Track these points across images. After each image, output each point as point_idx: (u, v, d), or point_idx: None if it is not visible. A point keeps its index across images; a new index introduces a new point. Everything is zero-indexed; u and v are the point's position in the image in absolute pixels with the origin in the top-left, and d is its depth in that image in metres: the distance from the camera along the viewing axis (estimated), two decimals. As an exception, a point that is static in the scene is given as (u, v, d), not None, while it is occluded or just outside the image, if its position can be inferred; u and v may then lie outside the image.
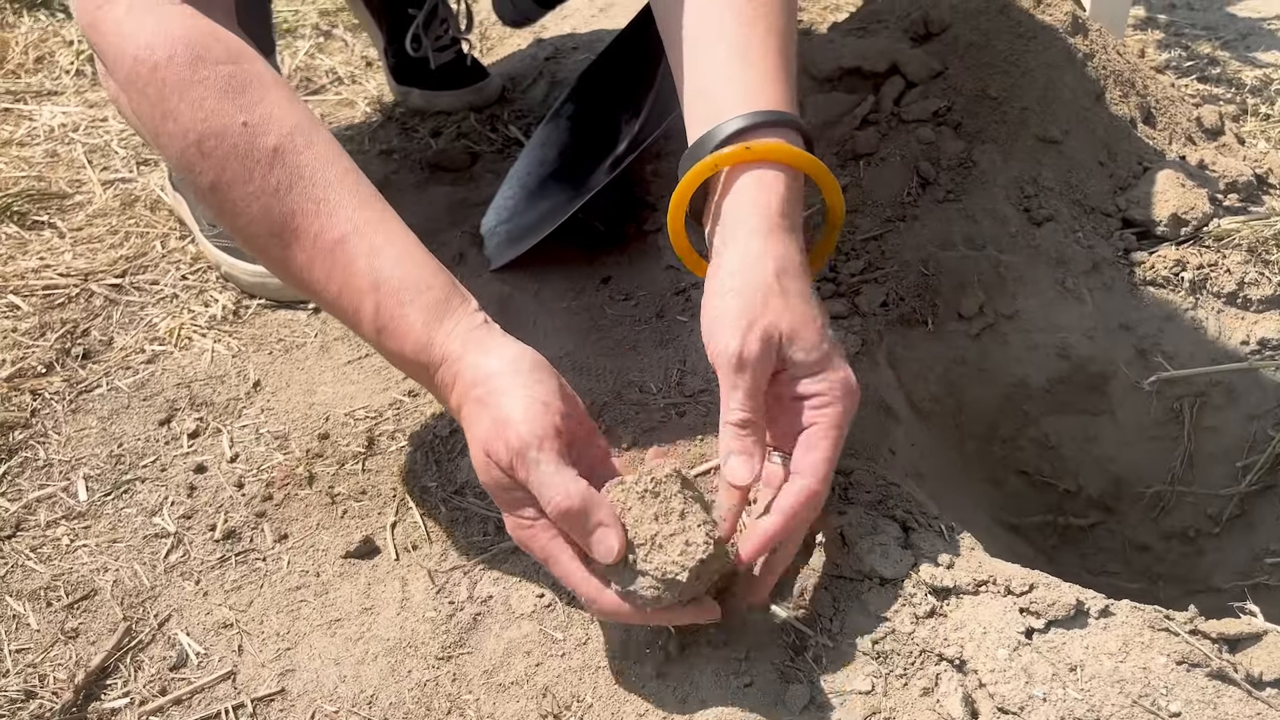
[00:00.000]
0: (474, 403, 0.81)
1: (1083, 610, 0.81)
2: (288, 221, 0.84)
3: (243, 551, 1.03)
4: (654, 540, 0.76)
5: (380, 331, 0.84)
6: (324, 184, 0.84)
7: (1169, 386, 1.18)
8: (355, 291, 0.84)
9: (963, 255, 1.18)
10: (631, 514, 0.77)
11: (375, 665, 0.91)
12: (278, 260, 0.86)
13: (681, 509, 0.77)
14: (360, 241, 0.84)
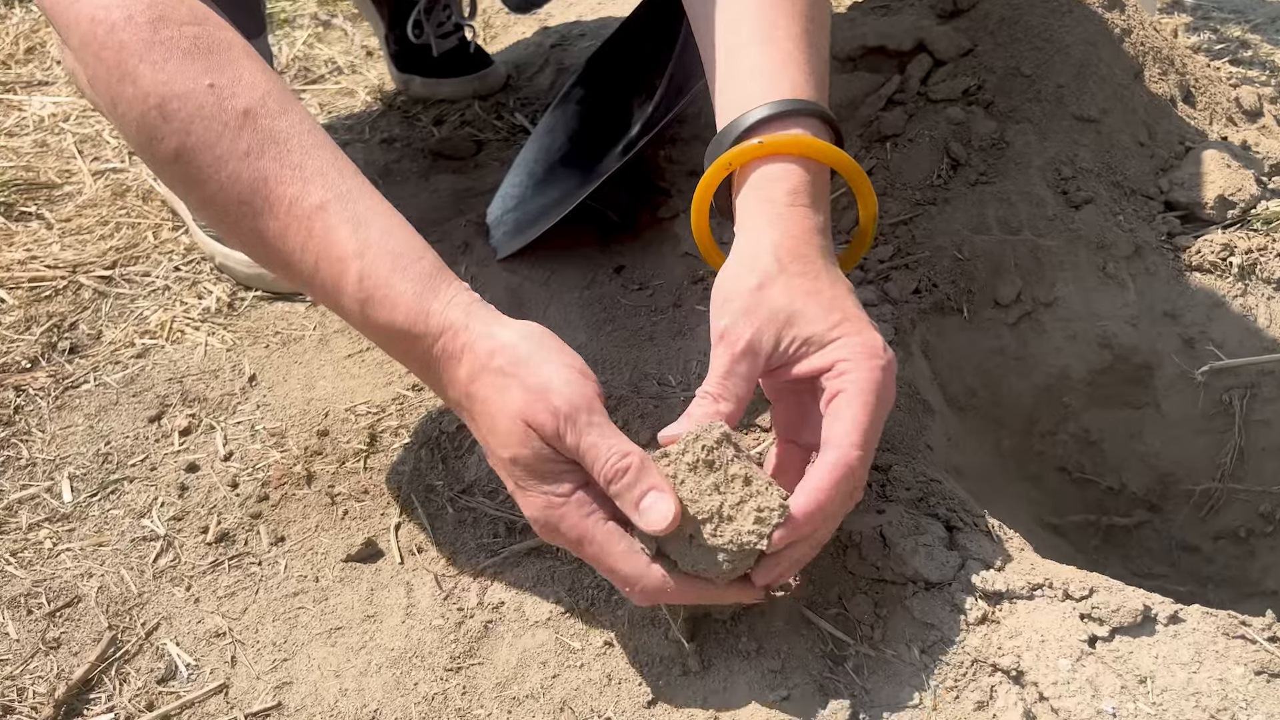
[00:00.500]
0: (494, 373, 0.75)
1: (1150, 617, 0.75)
2: (259, 188, 0.78)
3: (237, 555, 0.97)
4: (720, 512, 0.71)
5: (365, 302, 0.78)
6: (300, 149, 0.79)
7: (1217, 377, 1.12)
8: (335, 260, 0.78)
9: (998, 239, 1.12)
10: (687, 487, 0.72)
11: (379, 677, 0.84)
12: (248, 231, 0.80)
13: (745, 474, 0.71)
14: (342, 209, 0.78)
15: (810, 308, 0.76)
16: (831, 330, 0.76)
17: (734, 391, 0.76)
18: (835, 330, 0.76)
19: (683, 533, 0.71)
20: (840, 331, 0.76)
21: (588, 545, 0.73)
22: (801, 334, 0.76)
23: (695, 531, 0.71)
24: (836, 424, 0.74)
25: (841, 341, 0.76)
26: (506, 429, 0.74)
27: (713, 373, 0.77)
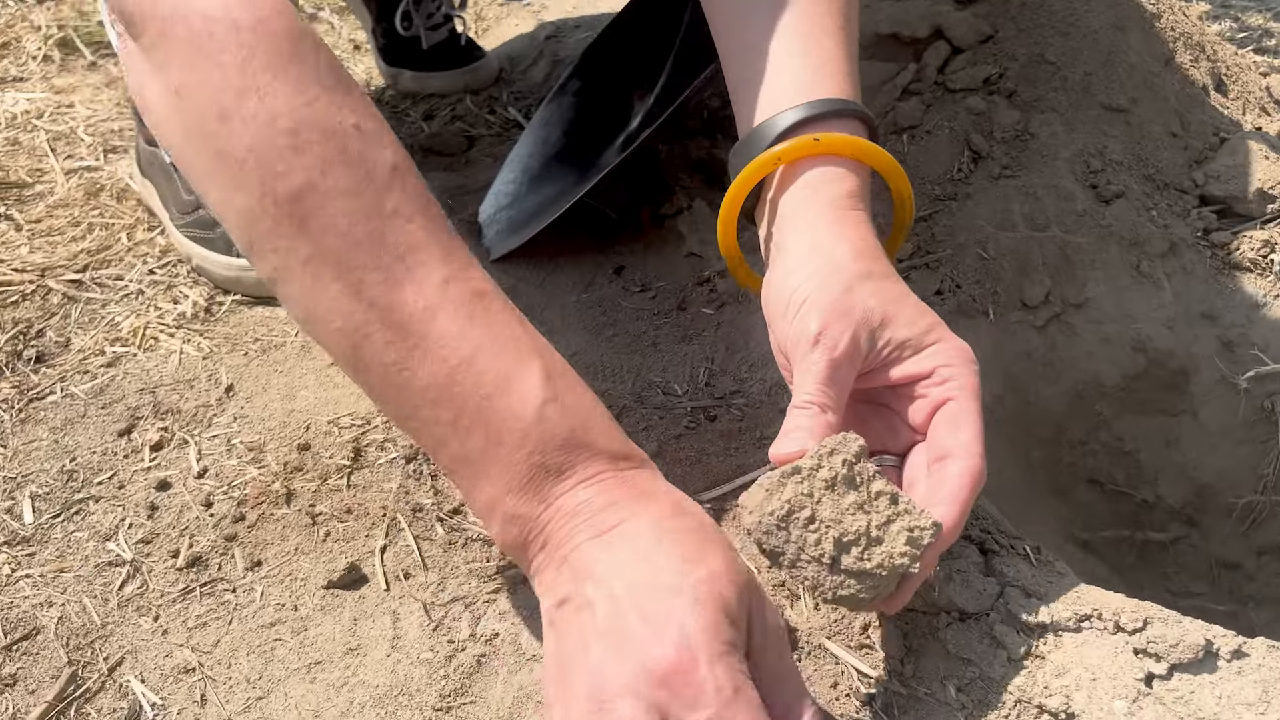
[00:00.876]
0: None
1: (1212, 651, 0.68)
2: (405, 255, 0.65)
3: (209, 581, 0.89)
4: (868, 534, 0.64)
5: (549, 402, 0.64)
6: (451, 231, 0.69)
7: (1258, 383, 1.05)
8: (508, 352, 0.65)
9: (1025, 236, 1.05)
10: (825, 507, 0.64)
11: (362, 718, 0.77)
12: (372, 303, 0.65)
13: (890, 492, 0.65)
14: (508, 305, 0.68)
15: (904, 311, 0.71)
16: (927, 334, 0.71)
17: (838, 399, 0.69)
18: (930, 335, 0.71)
19: (822, 558, 0.64)
20: (936, 336, 0.71)
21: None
22: (898, 337, 0.70)
23: (838, 555, 0.64)
24: (959, 432, 0.68)
25: (939, 346, 0.70)
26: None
27: (810, 379, 0.68)
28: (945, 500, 0.66)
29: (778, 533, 0.64)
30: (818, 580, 0.65)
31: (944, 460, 0.68)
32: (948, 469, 0.67)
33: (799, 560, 0.65)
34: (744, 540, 0.83)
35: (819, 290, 0.70)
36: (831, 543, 0.64)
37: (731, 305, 1.10)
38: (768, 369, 1.01)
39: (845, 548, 0.64)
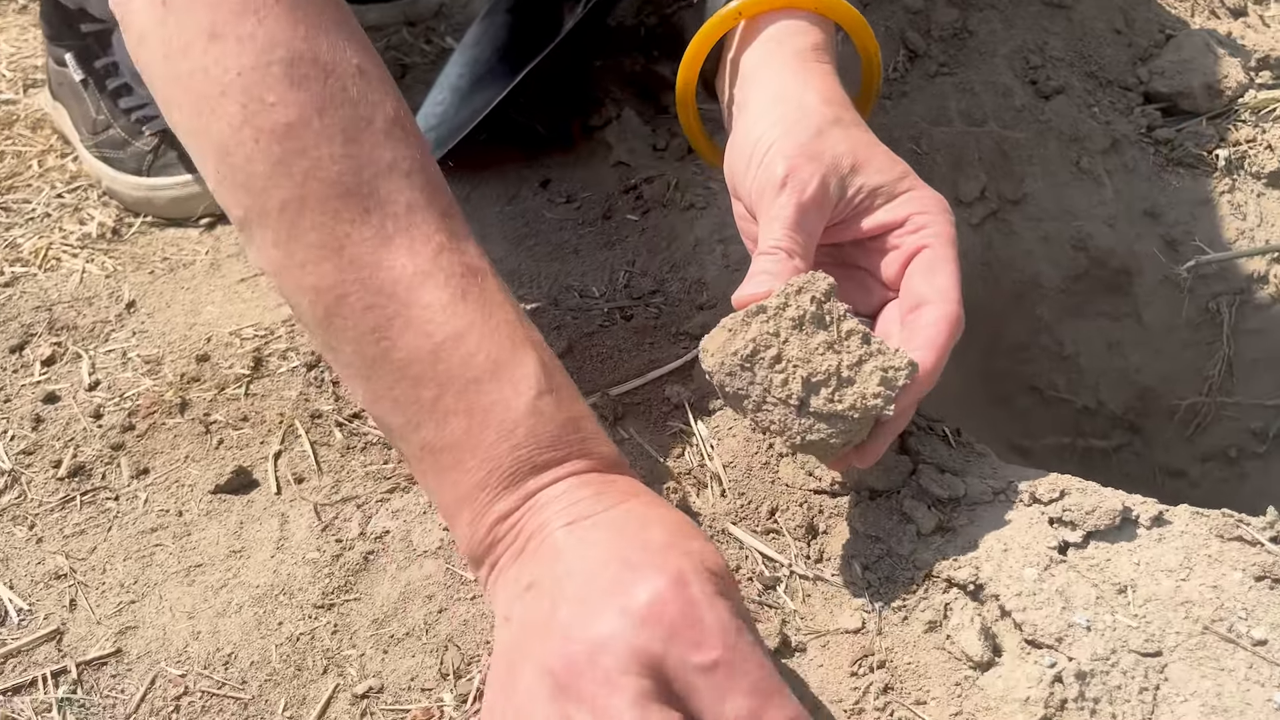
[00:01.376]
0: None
1: (1130, 519, 0.63)
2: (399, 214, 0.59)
3: (91, 490, 0.84)
4: (838, 374, 0.59)
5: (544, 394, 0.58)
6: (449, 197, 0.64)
7: (1203, 283, 1.00)
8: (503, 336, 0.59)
9: (960, 131, 1.00)
10: (793, 346, 0.59)
11: (238, 618, 0.72)
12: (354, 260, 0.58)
13: (862, 331, 0.60)
14: (502, 287, 0.63)
15: (875, 158, 0.66)
16: (899, 182, 0.66)
17: (806, 246, 0.64)
18: (903, 183, 0.66)
19: (789, 399, 0.59)
20: (909, 184, 0.66)
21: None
22: (870, 183, 0.66)
23: (807, 397, 0.59)
24: (934, 278, 0.64)
25: (913, 194, 0.66)
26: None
27: (777, 225, 0.63)
28: (921, 346, 0.61)
29: (741, 374, 0.59)
30: (785, 424, 0.59)
31: (919, 308, 0.63)
32: (923, 316, 0.62)
33: (764, 403, 0.59)
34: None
35: (785, 135, 0.65)
36: (799, 383, 0.58)
37: (657, 210, 1.05)
38: (689, 268, 0.97)
39: (814, 388, 0.59)
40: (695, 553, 0.53)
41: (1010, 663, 0.58)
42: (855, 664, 0.61)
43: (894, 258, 0.66)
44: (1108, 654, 0.56)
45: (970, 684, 0.58)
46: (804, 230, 0.64)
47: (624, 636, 0.48)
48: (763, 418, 0.60)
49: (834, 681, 0.61)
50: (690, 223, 1.00)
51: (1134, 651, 0.56)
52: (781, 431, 0.60)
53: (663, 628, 0.48)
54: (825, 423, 0.59)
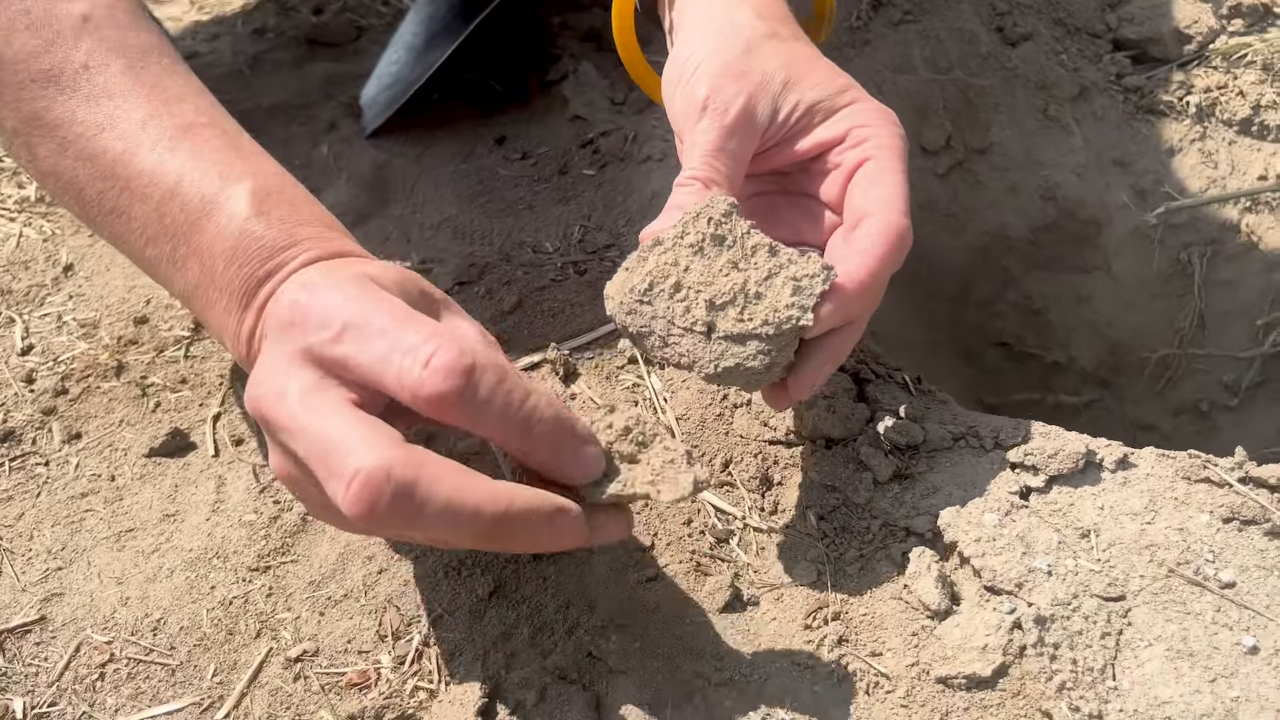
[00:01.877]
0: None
1: (1094, 462, 0.61)
2: (100, 103, 0.63)
3: (20, 456, 0.81)
4: (744, 291, 0.54)
5: (254, 216, 0.60)
6: (163, 70, 0.66)
7: (1174, 234, 0.98)
8: (213, 177, 0.62)
9: (925, 79, 0.97)
10: (694, 273, 0.55)
11: (169, 582, 0.69)
12: (74, 142, 0.64)
13: (768, 244, 0.55)
14: (220, 135, 0.65)
15: (813, 72, 0.62)
16: (840, 95, 0.62)
17: (726, 173, 0.60)
18: (844, 96, 0.62)
19: (695, 326, 0.55)
20: (851, 98, 0.62)
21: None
22: (806, 99, 0.61)
23: (713, 321, 0.55)
24: (874, 189, 0.58)
25: (855, 107, 0.61)
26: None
27: (695, 153, 0.60)
28: (855, 254, 0.56)
29: (641, 309, 0.56)
30: (695, 354, 0.55)
31: (860, 221, 0.58)
32: (861, 228, 0.57)
33: (670, 336, 0.55)
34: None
35: (713, 54, 0.61)
36: (703, 307, 0.55)
37: (614, 165, 1.02)
38: (646, 221, 0.93)
39: (720, 310, 0.55)
40: (382, 272, 0.55)
41: (969, 610, 0.55)
42: (809, 616, 0.59)
43: (835, 177, 0.62)
44: (1069, 599, 0.54)
45: (927, 634, 0.56)
46: (726, 156, 0.60)
47: (275, 354, 0.52)
48: (670, 353, 0.56)
49: (787, 635, 0.59)
50: (647, 175, 0.97)
51: (1096, 596, 0.54)
52: (693, 363, 0.56)
53: (296, 326, 0.52)
54: (738, 344, 0.54)
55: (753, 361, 0.54)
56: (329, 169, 1.12)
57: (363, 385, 0.50)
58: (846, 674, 0.56)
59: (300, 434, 0.49)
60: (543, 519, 0.49)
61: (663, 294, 0.55)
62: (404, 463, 0.46)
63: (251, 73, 1.40)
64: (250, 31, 1.51)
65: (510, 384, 0.49)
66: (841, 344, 0.58)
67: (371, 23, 1.50)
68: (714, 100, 0.60)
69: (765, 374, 0.55)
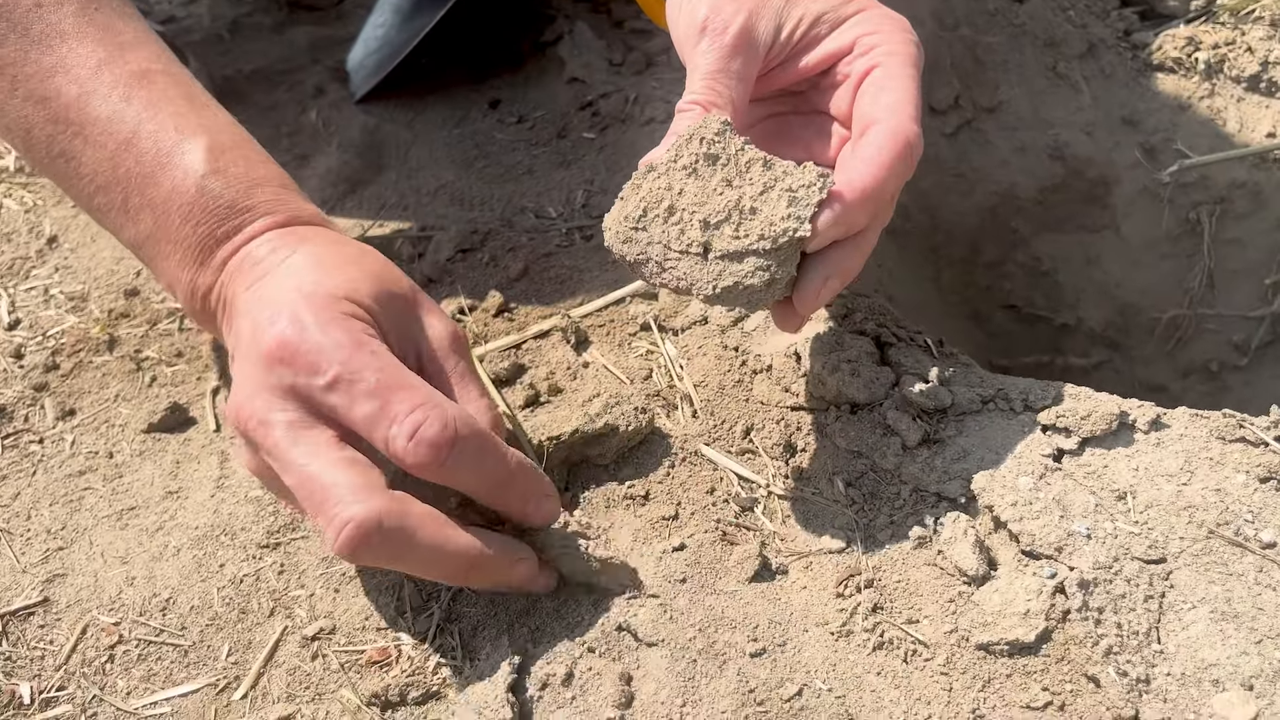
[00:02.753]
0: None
1: (1127, 423, 0.60)
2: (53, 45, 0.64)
3: (13, 434, 0.78)
4: (739, 208, 0.53)
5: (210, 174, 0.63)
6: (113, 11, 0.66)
7: (1183, 193, 0.97)
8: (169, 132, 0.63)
9: (931, 34, 0.95)
10: (688, 195, 0.54)
11: (176, 561, 0.67)
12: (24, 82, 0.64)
13: (763, 158, 0.53)
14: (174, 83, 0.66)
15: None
16: (847, 4, 0.59)
17: (727, 94, 0.57)
18: (852, 4, 0.59)
19: (691, 248, 0.53)
20: (859, 4, 0.59)
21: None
22: (811, 11, 0.59)
23: (709, 241, 0.53)
24: (883, 95, 0.56)
25: (863, 15, 0.59)
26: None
27: (696, 74, 0.58)
28: (860, 161, 0.54)
29: (637, 236, 0.54)
30: (693, 277, 0.53)
31: (868, 128, 0.55)
32: (871, 132, 0.55)
33: (666, 261, 0.54)
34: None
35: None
36: (698, 228, 0.53)
37: (615, 127, 1.00)
38: (651, 185, 0.91)
39: (715, 228, 0.53)
40: (336, 278, 0.56)
41: (1007, 575, 0.54)
42: (841, 584, 0.58)
43: (845, 89, 0.59)
44: (1110, 562, 0.53)
45: (965, 600, 0.55)
46: (728, 77, 0.57)
47: (261, 381, 0.53)
48: (668, 278, 0.54)
49: (819, 604, 0.57)
50: (650, 137, 0.94)
51: (1137, 559, 0.53)
52: (691, 286, 0.54)
53: (284, 364, 0.53)
54: (735, 262, 0.53)
55: (752, 279, 0.53)
56: (319, 135, 1.09)
57: (349, 431, 0.53)
58: (883, 642, 0.54)
59: (289, 468, 0.52)
60: (507, 564, 0.55)
61: (658, 218, 0.54)
62: (391, 513, 0.50)
63: (231, 38, 1.36)
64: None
65: (488, 450, 0.53)
66: (847, 258, 0.55)
67: (356, -15, 1.46)
68: (713, 20, 0.58)
69: (766, 291, 0.54)
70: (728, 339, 0.73)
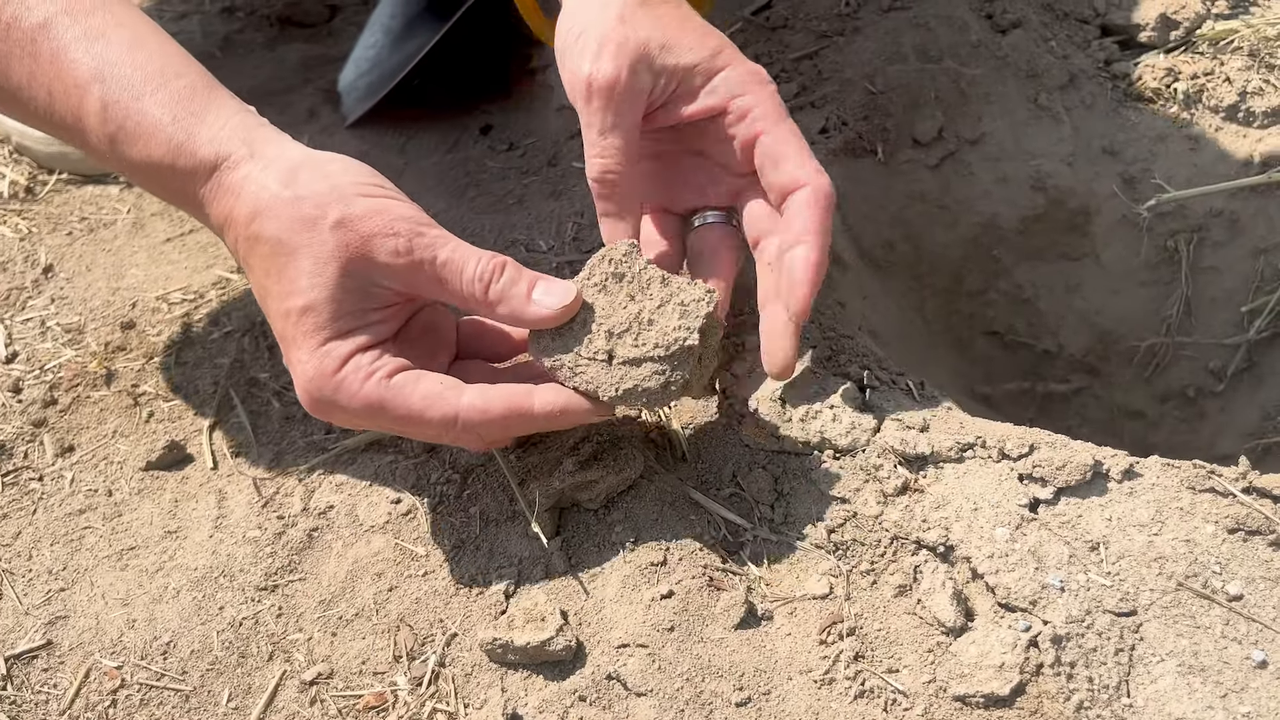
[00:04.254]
0: (294, 202, 0.61)
1: (1101, 473, 0.62)
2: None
3: (12, 471, 0.79)
4: (639, 320, 0.62)
5: (115, 137, 0.62)
6: None
7: (1161, 221, 0.99)
8: (71, 88, 0.62)
9: (916, 69, 0.97)
10: (599, 308, 0.63)
11: (176, 603, 0.69)
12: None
13: (660, 276, 0.63)
14: (71, 23, 0.63)
15: (685, 36, 0.66)
16: (715, 59, 0.67)
17: (621, 146, 0.65)
18: (720, 58, 0.67)
19: (597, 355, 0.61)
20: (725, 60, 0.67)
21: (379, 410, 0.60)
22: (682, 62, 0.66)
23: (614, 350, 0.61)
24: (785, 162, 0.66)
25: (729, 73, 0.67)
26: (313, 266, 0.59)
27: (592, 131, 0.66)
28: (803, 233, 0.64)
29: (553, 345, 0.62)
30: (599, 380, 0.61)
31: (786, 199, 0.65)
32: (792, 203, 0.65)
33: (577, 366, 0.62)
34: None
35: (590, 25, 0.65)
36: (604, 338, 0.61)
37: (604, 158, 1.01)
38: (639, 219, 0.93)
39: (619, 338, 0.61)
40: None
41: (984, 627, 0.56)
42: (824, 631, 0.60)
43: (736, 148, 0.68)
44: (1082, 615, 0.55)
45: (943, 650, 0.57)
46: (618, 132, 0.65)
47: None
48: (579, 380, 0.62)
49: (803, 650, 0.59)
50: (640, 170, 0.95)
51: (1109, 612, 0.55)
52: (597, 388, 0.61)
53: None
54: (635, 368, 0.61)
55: (649, 382, 0.61)
56: (311, 161, 1.10)
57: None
58: (864, 690, 0.56)
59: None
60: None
61: (571, 329, 0.62)
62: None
63: (223, 55, 1.37)
64: (220, 10, 1.47)
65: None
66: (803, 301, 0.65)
67: (345, 1, 1.47)
68: (596, 78, 0.64)
69: (663, 393, 0.61)
70: (715, 382, 0.74)
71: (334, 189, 0.60)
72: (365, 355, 0.60)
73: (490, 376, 0.66)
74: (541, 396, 0.61)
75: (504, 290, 0.61)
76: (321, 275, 0.59)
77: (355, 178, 0.62)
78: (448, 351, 0.68)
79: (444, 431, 0.60)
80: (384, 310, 0.62)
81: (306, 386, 0.60)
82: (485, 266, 0.61)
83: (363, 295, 0.61)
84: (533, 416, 0.61)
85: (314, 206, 0.59)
